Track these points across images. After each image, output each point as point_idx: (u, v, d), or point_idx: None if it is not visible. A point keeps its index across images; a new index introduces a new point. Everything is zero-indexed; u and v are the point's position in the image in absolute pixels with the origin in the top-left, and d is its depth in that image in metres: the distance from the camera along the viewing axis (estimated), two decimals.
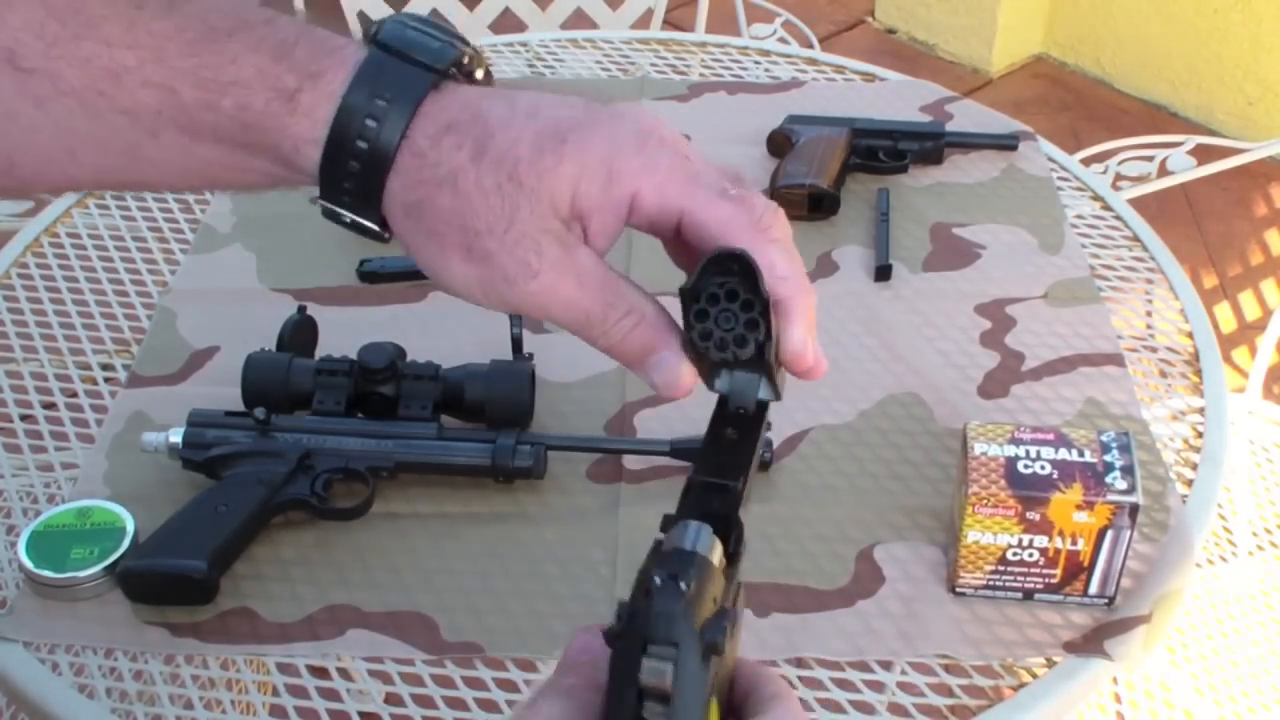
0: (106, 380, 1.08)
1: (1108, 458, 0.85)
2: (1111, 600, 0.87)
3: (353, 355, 0.97)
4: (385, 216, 0.53)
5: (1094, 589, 0.87)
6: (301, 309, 1.05)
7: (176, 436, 0.94)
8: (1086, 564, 0.85)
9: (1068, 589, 0.87)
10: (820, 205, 1.25)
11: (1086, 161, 1.53)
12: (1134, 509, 0.83)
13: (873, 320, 1.12)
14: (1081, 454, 0.85)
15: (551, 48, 1.57)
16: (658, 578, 0.43)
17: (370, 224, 0.53)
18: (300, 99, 0.50)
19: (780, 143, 1.32)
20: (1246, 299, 2.51)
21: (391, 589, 0.89)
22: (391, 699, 0.84)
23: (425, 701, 0.84)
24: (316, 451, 0.93)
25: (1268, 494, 1.46)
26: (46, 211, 1.27)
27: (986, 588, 0.88)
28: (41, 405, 1.05)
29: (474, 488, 0.96)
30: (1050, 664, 0.85)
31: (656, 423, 1.02)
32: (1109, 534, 0.84)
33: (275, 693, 0.85)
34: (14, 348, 1.11)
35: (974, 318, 1.13)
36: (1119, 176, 1.64)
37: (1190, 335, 1.13)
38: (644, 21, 2.03)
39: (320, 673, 0.86)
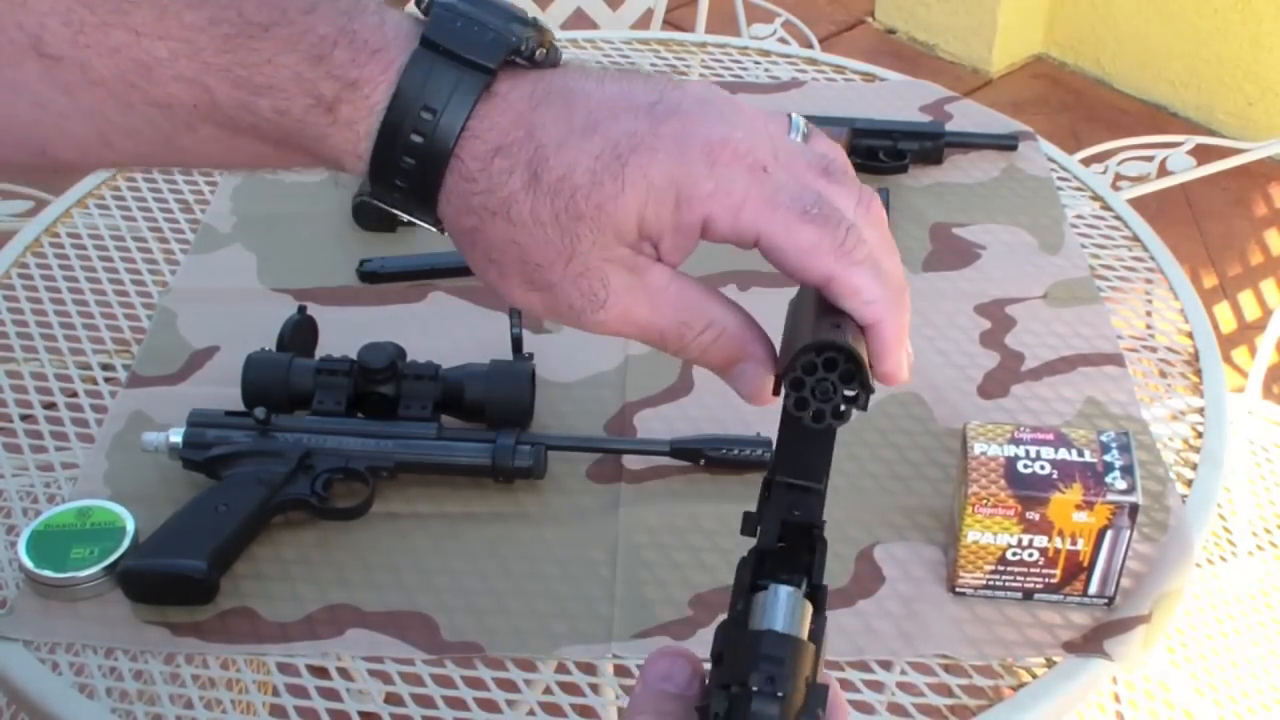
0: (106, 380, 1.08)
1: (1107, 458, 0.85)
2: (1111, 600, 0.87)
3: (353, 355, 0.97)
4: (440, 222, 0.50)
5: (1094, 589, 0.87)
6: (301, 309, 1.05)
7: (177, 436, 0.94)
8: (1086, 564, 0.85)
9: (1067, 589, 0.87)
10: None
11: (1086, 161, 1.53)
12: (1134, 509, 0.83)
13: None
14: (1081, 454, 0.85)
15: None
16: (755, 683, 0.42)
17: (428, 226, 0.51)
18: (340, 110, 0.48)
19: None
20: (1246, 299, 2.51)
21: (391, 589, 0.89)
22: (391, 699, 0.84)
23: (425, 701, 0.84)
24: (316, 451, 0.93)
25: (1268, 494, 1.46)
26: (46, 211, 1.27)
27: (986, 588, 0.88)
28: (41, 405, 1.05)
29: (474, 488, 0.96)
30: (1050, 664, 0.85)
31: (656, 423, 1.02)
32: (1109, 534, 0.84)
33: (275, 693, 0.85)
34: (14, 348, 1.11)
35: (974, 318, 1.13)
36: (1119, 176, 1.64)
37: (1190, 335, 1.13)
38: (644, 21, 2.03)
39: (320, 673, 0.86)
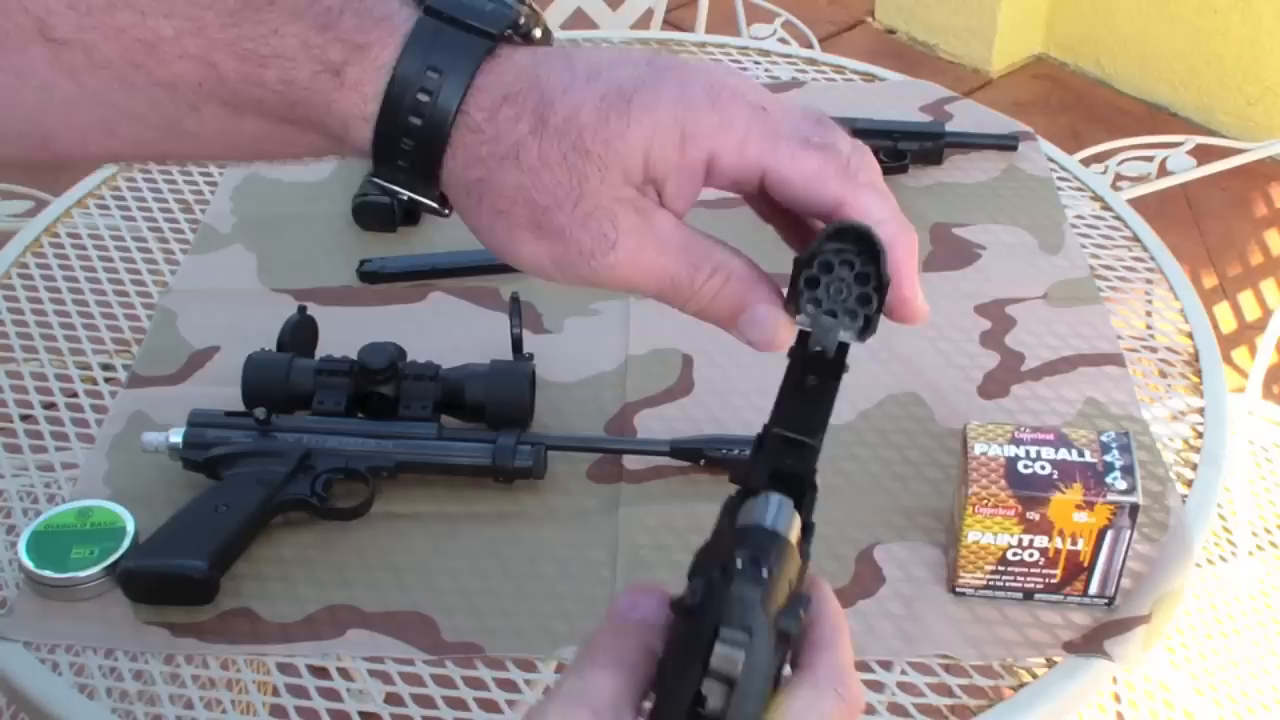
0: (106, 380, 1.08)
1: (1108, 458, 0.85)
2: (1111, 600, 0.87)
3: (353, 355, 0.97)
4: (445, 194, 0.50)
5: (1094, 589, 0.87)
6: (301, 309, 1.05)
7: (177, 436, 0.94)
8: (1086, 564, 0.85)
9: (1068, 589, 0.87)
10: None
11: (1086, 162, 1.53)
12: (1134, 509, 0.83)
13: None
14: (1081, 454, 0.85)
15: None
16: (740, 559, 0.42)
17: (429, 201, 0.50)
18: (347, 73, 0.48)
19: None
20: (1246, 299, 2.51)
21: (391, 589, 0.89)
22: (391, 699, 0.84)
23: (425, 701, 0.84)
24: (317, 451, 0.93)
25: (1268, 494, 1.46)
26: (46, 211, 1.28)
27: (986, 588, 0.88)
28: (41, 405, 1.05)
29: (474, 488, 0.96)
30: (1050, 664, 0.85)
31: (656, 423, 1.02)
32: (1109, 534, 0.84)
33: (275, 693, 0.85)
34: (14, 348, 1.11)
35: (974, 318, 1.13)
36: (1119, 176, 1.64)
37: (1190, 335, 1.13)
38: (644, 21, 2.03)
39: (320, 673, 0.86)
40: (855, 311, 0.48)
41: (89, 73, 0.48)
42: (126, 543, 0.89)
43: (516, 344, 1.01)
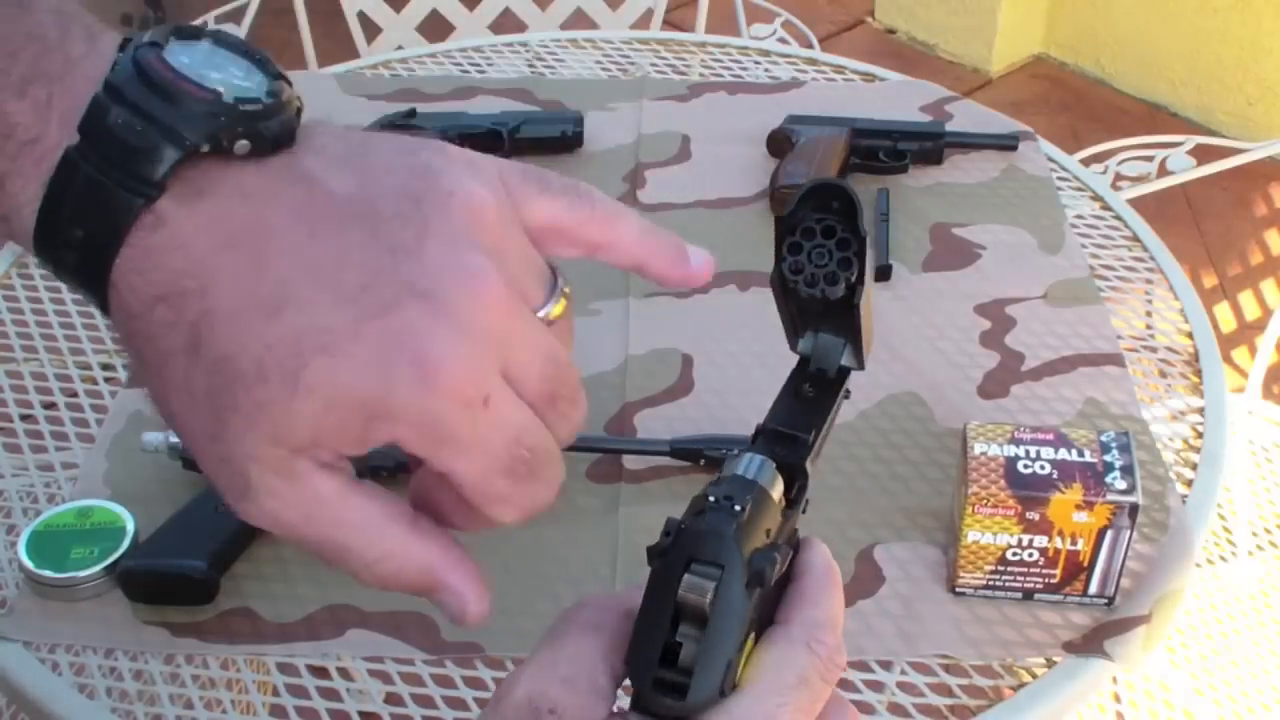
0: (106, 380, 1.08)
1: (1108, 458, 0.85)
2: (1111, 600, 0.87)
3: None
4: None
5: (1094, 589, 0.87)
6: None
7: (176, 437, 0.94)
8: (1086, 564, 0.85)
9: (1068, 589, 0.87)
10: None
11: (1086, 161, 1.53)
12: (1134, 509, 0.83)
13: (872, 319, 1.12)
14: (1081, 454, 0.85)
15: (551, 48, 1.57)
16: (712, 497, 0.41)
17: None
18: (2, 189, 0.39)
19: (780, 143, 1.32)
20: (1246, 299, 2.51)
21: (393, 595, 0.89)
22: (391, 699, 0.84)
23: (425, 701, 0.84)
24: None
25: (1268, 494, 1.46)
26: None
27: (986, 588, 0.88)
28: (41, 405, 1.05)
29: None
30: (1050, 664, 0.85)
31: (656, 423, 1.02)
32: (1109, 534, 0.84)
33: (275, 693, 0.85)
34: (14, 348, 1.11)
35: (974, 318, 1.13)
36: (1119, 176, 1.64)
37: (1190, 335, 1.13)
38: (644, 21, 2.03)
39: (320, 673, 0.86)
40: (836, 275, 0.47)
41: None
42: (126, 543, 0.89)
43: None
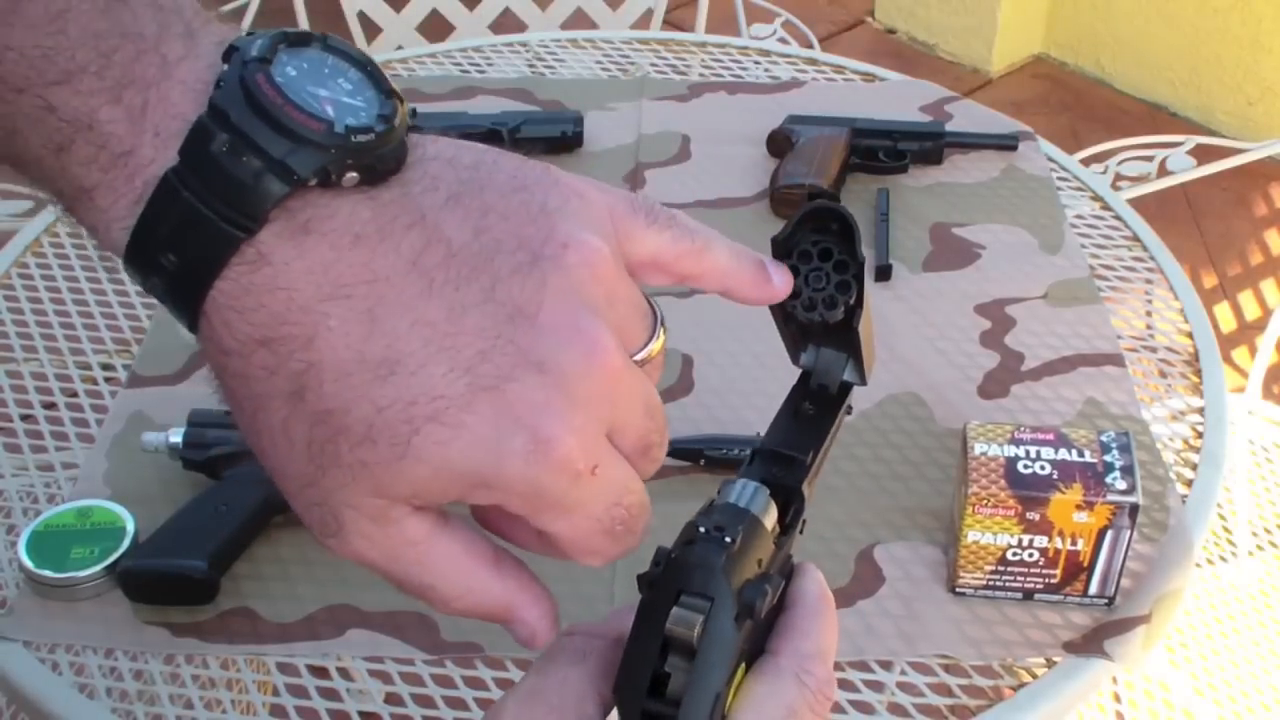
0: (106, 380, 1.08)
1: (1108, 458, 0.85)
2: (1111, 600, 0.87)
3: None
4: None
5: (1094, 589, 0.87)
6: None
7: (177, 436, 0.94)
8: (1086, 564, 0.85)
9: (1068, 589, 0.87)
10: None
11: (1086, 161, 1.53)
12: (1134, 509, 0.83)
13: (873, 320, 1.12)
14: (1081, 454, 0.85)
15: (551, 48, 1.57)
16: (703, 527, 0.41)
17: None
18: (82, 212, 0.38)
19: (780, 143, 1.32)
20: (1246, 299, 2.51)
21: (391, 589, 0.89)
22: (391, 699, 0.84)
23: (425, 701, 0.84)
24: None
25: (1268, 494, 1.46)
26: (46, 211, 1.27)
27: (986, 588, 0.88)
28: (41, 405, 1.05)
29: None
30: (1050, 664, 0.85)
31: None
32: (1109, 534, 0.84)
33: (275, 693, 0.85)
34: (14, 348, 1.11)
35: (974, 318, 1.13)
36: (1119, 176, 1.64)
37: (1190, 335, 1.13)
38: (644, 21, 2.03)
39: (320, 673, 0.86)
40: (834, 299, 0.47)
41: None
42: (126, 543, 0.89)
43: None
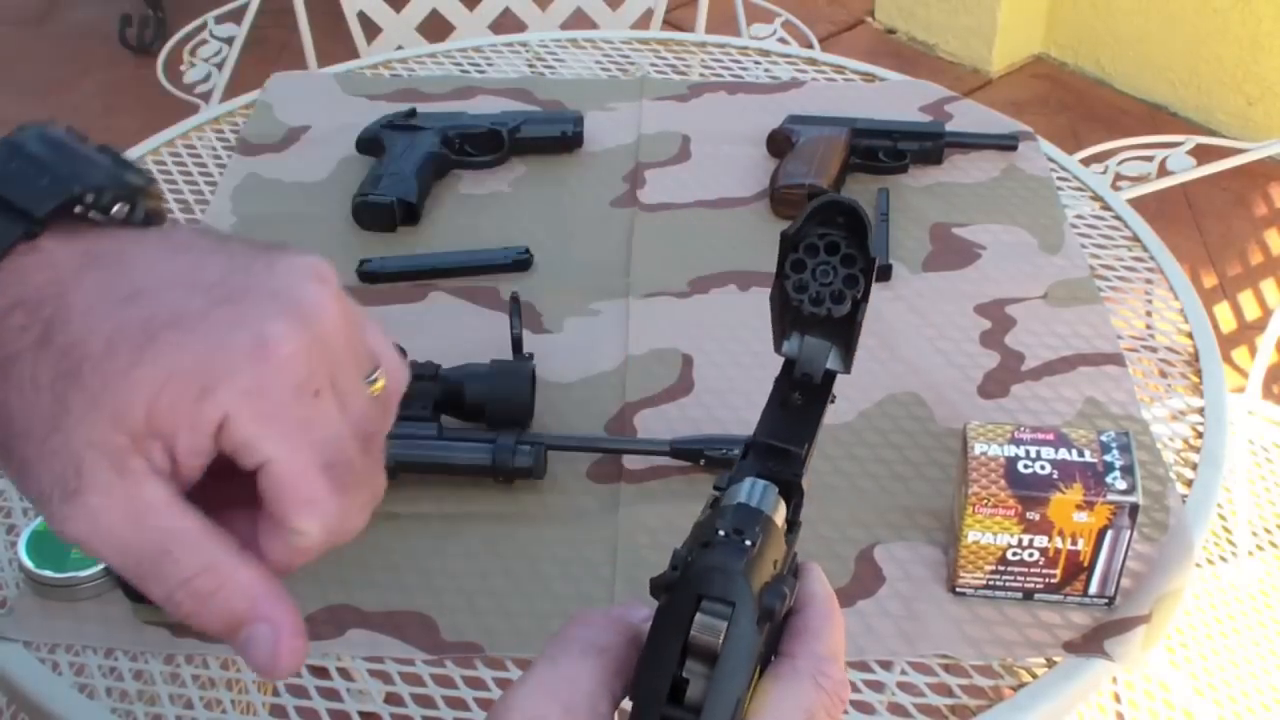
0: None
1: (1108, 458, 0.85)
2: (1111, 600, 0.87)
3: None
4: None
5: (1094, 589, 0.87)
6: None
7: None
8: (1086, 564, 0.85)
9: (1068, 589, 0.87)
10: None
11: (1086, 161, 1.53)
12: (1134, 509, 0.83)
13: (873, 320, 1.12)
14: (1081, 454, 0.85)
15: (551, 48, 1.57)
16: (721, 529, 0.41)
17: None
18: None
19: (780, 143, 1.32)
20: (1246, 299, 2.51)
21: (391, 589, 0.89)
22: (391, 699, 0.84)
23: (425, 701, 0.84)
24: None
25: (1268, 494, 1.46)
26: None
27: (986, 588, 0.88)
28: None
29: (474, 488, 0.96)
30: (1050, 664, 0.85)
31: (656, 423, 1.02)
32: (1109, 534, 0.84)
33: (275, 693, 0.85)
34: None
35: (974, 318, 1.13)
36: (1119, 176, 1.64)
37: (1190, 335, 1.13)
38: (644, 21, 2.03)
39: (320, 673, 0.86)
40: (842, 293, 0.47)
41: None
42: None
43: (516, 344, 1.01)
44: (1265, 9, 2.80)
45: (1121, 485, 0.83)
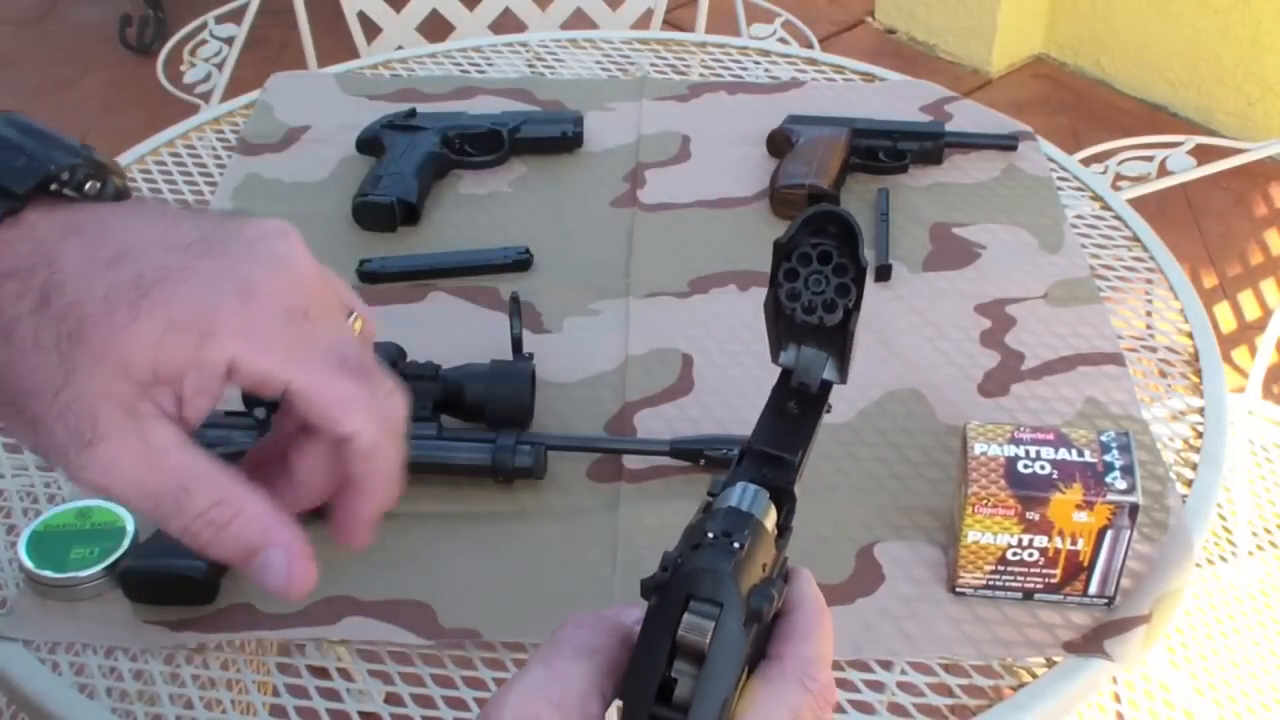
0: None
1: (1108, 458, 0.85)
2: (1111, 600, 0.87)
3: None
4: None
5: (1094, 589, 0.87)
6: None
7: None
8: (1086, 564, 0.85)
9: (1068, 589, 0.87)
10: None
11: (1086, 161, 1.53)
12: (1134, 509, 0.83)
13: (873, 319, 1.12)
14: (1081, 454, 0.85)
15: (551, 48, 1.57)
16: (710, 532, 0.41)
17: None
18: None
19: (780, 143, 1.32)
20: (1246, 299, 2.51)
21: (390, 582, 0.89)
22: (391, 699, 0.84)
23: (425, 701, 0.84)
24: None
25: (1268, 494, 1.46)
26: None
27: (986, 587, 0.88)
28: None
29: (474, 487, 0.96)
30: (1050, 664, 0.85)
31: (656, 423, 1.02)
32: (1109, 534, 0.84)
33: (275, 693, 0.85)
34: None
35: (974, 317, 1.13)
36: (1119, 176, 1.64)
37: (1190, 335, 1.13)
38: (644, 21, 2.03)
39: (320, 673, 0.86)
40: (834, 302, 0.47)
41: None
42: (126, 543, 0.89)
43: (516, 344, 1.01)
44: (1265, 9, 2.80)
45: (1121, 485, 0.83)
